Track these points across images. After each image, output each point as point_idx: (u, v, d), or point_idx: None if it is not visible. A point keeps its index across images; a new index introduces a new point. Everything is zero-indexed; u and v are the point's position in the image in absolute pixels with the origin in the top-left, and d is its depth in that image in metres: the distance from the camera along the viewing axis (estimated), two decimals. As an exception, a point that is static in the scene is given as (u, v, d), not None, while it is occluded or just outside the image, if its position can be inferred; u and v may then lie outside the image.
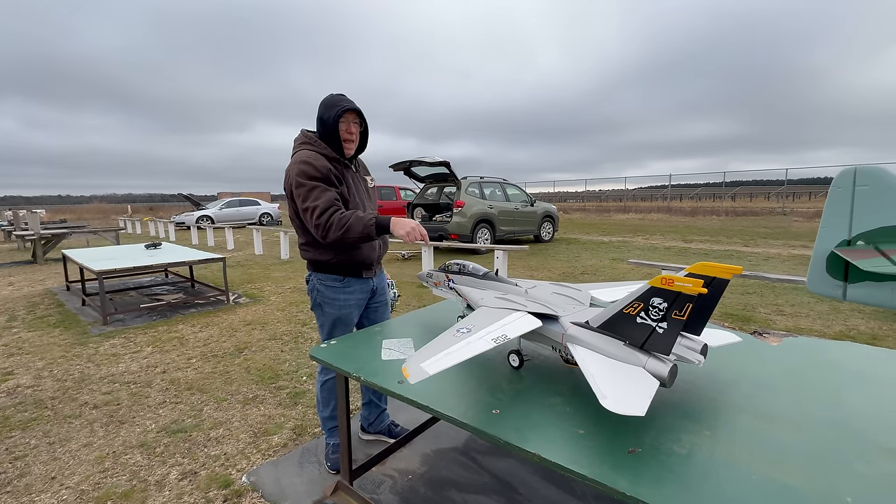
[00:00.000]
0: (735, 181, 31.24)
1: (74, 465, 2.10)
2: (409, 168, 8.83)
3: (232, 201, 18.87)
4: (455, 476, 1.98)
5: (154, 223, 15.96)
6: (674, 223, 17.17)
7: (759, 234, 12.19)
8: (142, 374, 3.13)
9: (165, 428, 2.41)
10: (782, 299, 5.09)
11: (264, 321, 4.41)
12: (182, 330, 4.17)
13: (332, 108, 1.77)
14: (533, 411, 1.06)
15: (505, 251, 5.18)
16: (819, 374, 1.24)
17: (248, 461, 2.11)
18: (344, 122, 1.79)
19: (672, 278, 0.92)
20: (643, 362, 0.99)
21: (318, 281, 1.91)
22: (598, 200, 34.15)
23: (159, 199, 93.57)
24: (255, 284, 6.29)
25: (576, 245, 10.42)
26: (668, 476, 0.82)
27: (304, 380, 3.00)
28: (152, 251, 5.80)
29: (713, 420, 1.01)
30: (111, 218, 24.74)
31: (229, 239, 10.89)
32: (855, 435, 0.94)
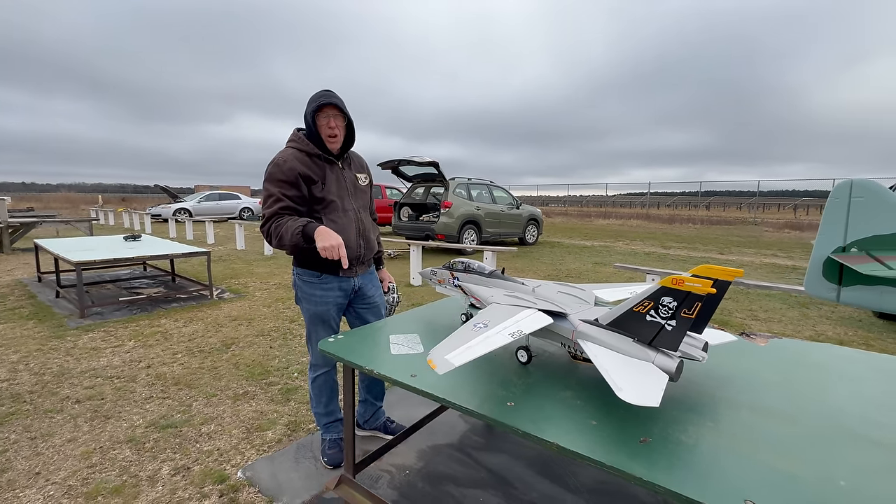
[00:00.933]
0: (710, 191, 32.36)
1: (59, 460, 2.04)
2: (397, 167, 8.82)
3: (211, 194, 18.40)
4: (452, 471, 2.01)
5: (129, 214, 15.43)
6: (652, 230, 17.65)
7: (733, 243, 12.66)
8: (125, 369, 3.05)
9: (154, 423, 2.36)
10: (756, 305, 5.32)
11: (250, 317, 4.34)
12: (165, 324, 4.07)
13: (311, 103, 1.77)
14: (545, 404, 1.10)
15: (493, 252, 5.24)
16: (806, 373, 1.33)
17: (242, 456, 2.09)
18: (323, 116, 1.77)
19: (682, 279, 0.98)
20: (652, 358, 1.04)
21: (298, 276, 1.93)
22: (580, 205, 34.78)
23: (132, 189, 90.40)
24: (238, 280, 6.17)
25: (559, 248, 10.61)
26: (679, 463, 0.87)
27: (295, 376, 2.98)
28: (132, 243, 5.62)
29: (714, 413, 1.07)
30: (81, 208, 23.78)
31: (209, 233, 10.63)
32: (845, 429, 1.02)
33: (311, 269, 1.88)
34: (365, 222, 1.98)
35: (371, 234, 2.03)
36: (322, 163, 1.84)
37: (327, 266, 1.83)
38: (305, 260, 1.87)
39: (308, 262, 1.87)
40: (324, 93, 1.79)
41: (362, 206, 1.98)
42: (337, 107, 1.77)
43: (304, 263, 1.89)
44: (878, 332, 4.29)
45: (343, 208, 1.87)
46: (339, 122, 1.82)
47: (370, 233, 2.02)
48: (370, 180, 2.10)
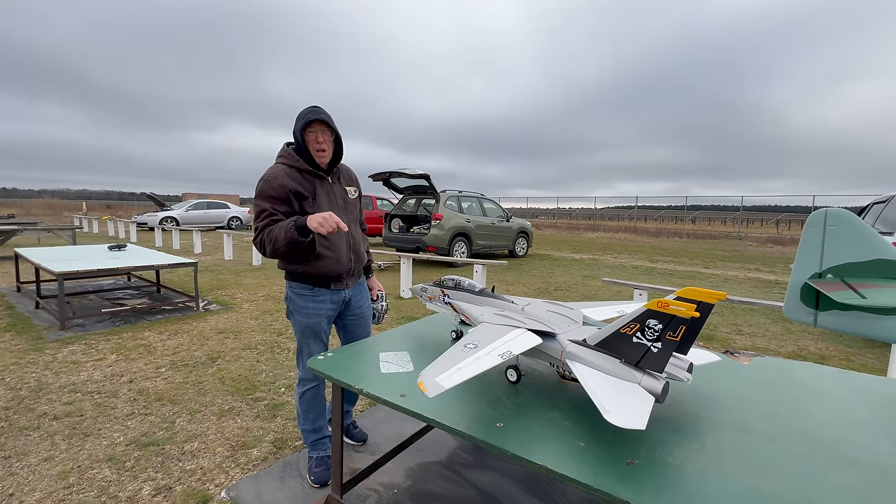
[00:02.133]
0: (695, 205, 33.04)
1: (34, 480, 1.97)
2: (388, 179, 8.85)
3: (199, 203, 18.20)
4: (440, 490, 1.99)
5: (114, 223, 15.17)
6: (640, 243, 17.91)
7: (718, 257, 12.91)
8: (106, 384, 2.97)
9: (135, 441, 2.30)
10: (741, 320, 5.41)
11: (237, 330, 4.28)
12: (149, 337, 3.99)
13: (299, 120, 1.80)
14: (535, 424, 1.11)
15: (484, 265, 5.27)
16: (788, 392, 1.36)
17: (226, 475, 2.05)
18: (312, 132, 1.81)
19: (667, 302, 1.01)
20: (638, 379, 1.06)
21: (290, 289, 1.95)
22: (569, 218, 35.19)
23: (117, 196, 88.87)
24: (225, 291, 6.09)
25: (549, 261, 10.69)
26: (666, 485, 0.88)
27: (282, 391, 2.93)
28: (116, 253, 5.53)
29: (699, 433, 1.09)
30: (64, 215, 23.29)
31: (196, 242, 10.49)
32: (824, 447, 1.05)
33: (304, 283, 1.91)
34: (356, 236, 2.01)
35: (361, 247, 2.07)
36: (312, 178, 1.87)
37: (319, 280, 1.89)
38: (298, 274, 1.89)
39: (300, 277, 1.90)
40: (311, 109, 1.84)
41: (353, 220, 2.01)
42: (324, 122, 1.81)
43: (296, 277, 1.92)
44: (857, 347, 4.39)
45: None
46: (327, 138, 1.85)
47: (360, 246, 2.06)
48: (359, 192, 2.13)
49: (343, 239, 1.92)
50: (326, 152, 1.86)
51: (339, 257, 1.90)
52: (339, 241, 1.90)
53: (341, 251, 1.91)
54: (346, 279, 1.97)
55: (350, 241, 1.96)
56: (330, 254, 1.87)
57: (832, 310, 0.97)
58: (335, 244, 1.88)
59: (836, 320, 0.98)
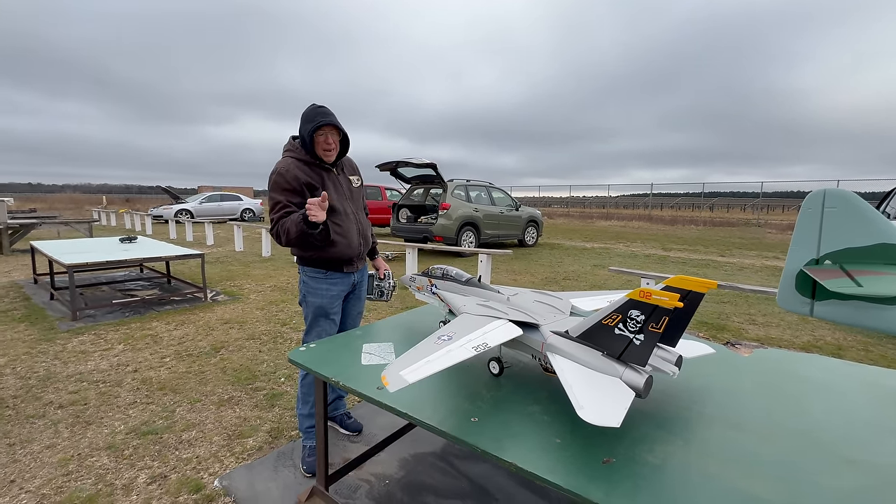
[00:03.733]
0: (713, 192, 32.21)
1: (36, 467, 2.01)
2: (395, 168, 8.80)
3: (213, 195, 18.45)
4: (432, 481, 1.97)
5: (130, 216, 15.49)
6: (654, 231, 17.55)
7: (735, 245, 12.56)
8: (112, 373, 3.03)
9: (135, 429, 2.33)
10: (755, 309, 5.25)
11: (243, 320, 4.32)
12: (156, 327, 4.06)
13: (308, 123, 1.88)
14: (511, 419, 1.06)
15: (489, 255, 5.21)
16: (787, 386, 1.28)
17: (220, 465, 2.06)
18: (321, 135, 1.88)
19: (650, 292, 0.94)
20: (620, 373, 1.00)
21: (304, 274, 2.04)
22: (582, 206, 34.67)
23: (136, 190, 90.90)
24: (234, 282, 6.16)
25: (559, 250, 10.55)
26: (643, 486, 0.83)
27: (282, 381, 2.95)
28: (127, 245, 5.62)
29: (686, 430, 1.03)
30: (85, 209, 23.91)
31: (209, 234, 10.64)
32: (820, 446, 0.98)
33: (318, 268, 2.00)
34: (363, 222, 2.13)
35: (368, 232, 2.17)
36: (319, 170, 1.96)
37: (332, 264, 2.00)
38: (312, 260, 1.99)
39: (315, 262, 1.99)
40: (319, 111, 1.90)
41: (358, 207, 2.13)
42: (334, 126, 1.89)
43: (310, 263, 2.00)
44: (877, 337, 4.21)
45: (344, 212, 2.00)
46: (335, 139, 1.94)
47: (367, 231, 2.16)
48: (362, 181, 2.22)
49: (353, 225, 2.02)
50: (333, 151, 1.94)
51: (350, 242, 1.99)
52: (350, 228, 2.00)
53: (352, 236, 2.00)
54: (356, 262, 2.07)
55: (359, 227, 2.07)
56: (342, 239, 1.96)
57: (829, 299, 0.90)
58: (347, 230, 1.97)
59: (834, 311, 0.90)
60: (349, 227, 1.99)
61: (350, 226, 1.99)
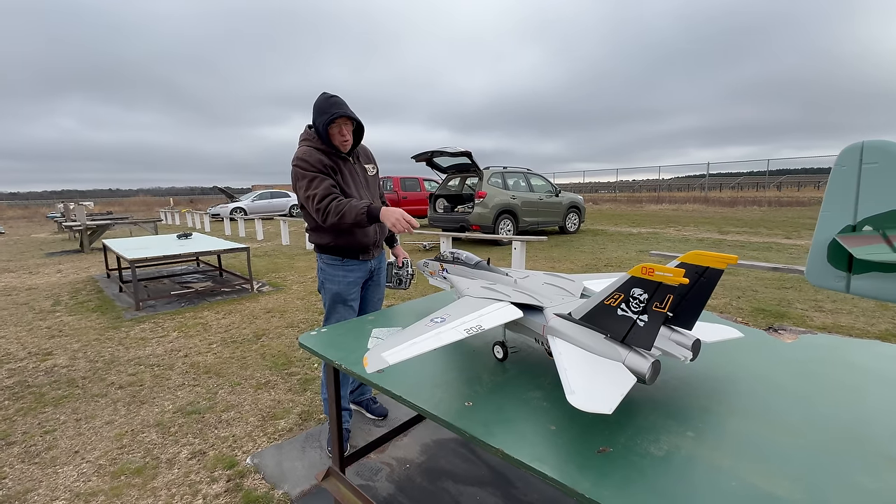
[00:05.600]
0: (781, 169, 29.39)
1: (96, 440, 2.23)
2: (430, 158, 8.79)
3: (264, 193, 19.46)
4: (453, 467, 1.97)
5: (191, 215, 16.69)
6: (710, 214, 16.36)
7: (804, 226, 11.42)
8: (165, 358, 3.29)
9: (181, 409, 2.52)
10: (822, 294, 4.75)
11: (283, 309, 4.53)
12: (207, 316, 4.35)
13: (322, 115, 1.87)
14: (508, 405, 1.02)
15: (523, 242, 5.08)
16: (831, 374, 1.13)
17: (253, 443, 2.17)
18: (335, 126, 1.89)
19: (652, 267, 0.85)
20: (623, 357, 0.92)
21: (322, 261, 2.08)
22: (631, 191, 32.99)
23: (199, 191, 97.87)
24: (279, 274, 6.47)
25: (602, 236, 10.12)
26: (637, 478, 0.76)
27: (315, 366, 3.06)
28: (183, 241, 6.05)
29: (700, 421, 0.94)
30: (154, 210, 26.08)
31: (259, 230, 11.24)
32: (863, 443, 0.85)
33: (335, 255, 2.04)
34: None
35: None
36: (336, 159, 1.98)
37: (349, 251, 2.03)
38: (330, 247, 2.03)
39: (331, 249, 2.04)
40: (332, 102, 1.90)
41: (374, 196, 2.13)
42: (349, 117, 1.89)
43: (327, 250, 2.05)
44: (975, 325, 3.67)
45: (360, 199, 1.98)
46: (349, 129, 1.95)
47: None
48: (377, 169, 2.21)
49: None
50: (349, 142, 1.96)
51: (366, 231, 2.01)
52: None
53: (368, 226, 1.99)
54: (372, 250, 2.10)
55: None
56: (358, 228, 1.96)
57: (871, 272, 0.76)
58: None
59: (876, 285, 0.76)
60: None
61: None
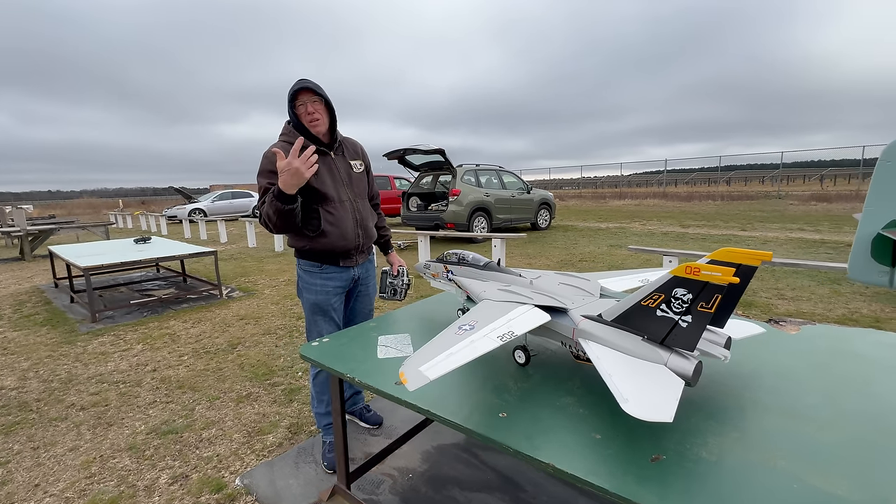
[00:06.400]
0: (730, 165, 31.21)
1: (59, 470, 2.01)
2: (403, 156, 8.67)
3: (224, 193, 18.59)
4: (457, 473, 1.91)
5: (145, 217, 15.71)
6: (670, 208, 17.12)
7: (756, 218, 12.16)
8: (131, 373, 3.03)
9: (155, 429, 2.32)
10: (783, 283, 5.05)
11: (258, 315, 4.31)
12: (174, 326, 4.07)
13: (288, 94, 1.75)
14: (543, 414, 0.97)
15: (503, 239, 5.09)
16: (844, 366, 1.16)
17: (241, 462, 2.03)
18: (300, 104, 1.74)
19: (698, 267, 0.83)
20: (664, 359, 0.90)
21: (300, 267, 1.93)
22: (594, 187, 34.02)
23: (151, 192, 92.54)
24: (248, 278, 6.17)
25: (573, 232, 10.35)
26: (698, 488, 0.73)
27: (299, 375, 2.91)
28: (142, 246, 5.65)
29: (740, 420, 0.93)
30: (102, 213, 24.37)
31: (222, 232, 10.72)
32: (894, 434, 0.86)
33: (313, 261, 1.88)
34: (362, 211, 1.94)
35: (369, 223, 1.99)
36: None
37: (327, 256, 1.86)
38: (306, 251, 1.86)
39: (309, 254, 1.87)
40: (297, 81, 1.77)
41: (359, 195, 1.95)
42: (311, 90, 1.73)
43: (305, 255, 1.89)
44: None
45: (339, 199, 1.84)
46: (317, 107, 1.79)
47: (368, 221, 1.98)
48: (367, 166, 2.06)
49: (348, 214, 1.86)
50: (320, 121, 1.79)
51: (344, 233, 1.83)
52: (344, 217, 1.84)
53: (346, 226, 1.84)
54: (355, 256, 1.92)
55: (357, 216, 1.89)
56: (334, 229, 1.81)
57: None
58: (340, 220, 1.82)
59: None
60: (343, 215, 1.83)
61: (344, 214, 1.83)
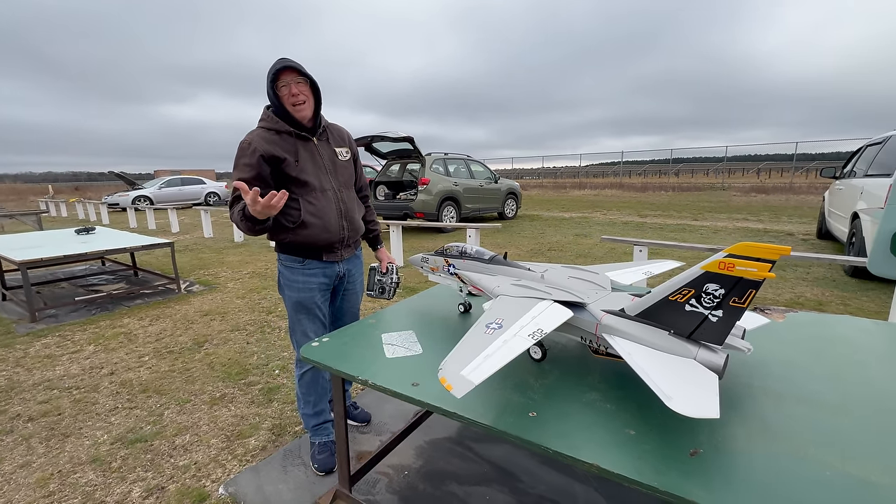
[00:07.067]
0: (678, 158, 32.98)
1: (10, 490, 1.80)
2: (370, 144, 8.43)
3: (173, 180, 17.38)
4: (453, 467, 1.89)
5: (83, 205, 14.42)
6: (627, 199, 17.86)
7: (705, 208, 12.93)
8: (85, 378, 2.77)
9: (121, 438, 2.14)
10: (736, 270, 5.40)
11: (223, 310, 4.07)
12: (129, 324, 3.76)
13: (269, 76, 1.60)
14: (571, 411, 0.96)
15: (477, 229, 5.08)
16: (840, 352, 1.24)
17: (223, 469, 1.91)
18: (283, 85, 1.60)
19: (733, 262, 0.84)
20: (693, 353, 0.91)
21: (280, 262, 1.80)
22: (554, 177, 34.87)
23: (86, 177, 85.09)
24: (208, 270, 5.82)
25: (539, 222, 10.56)
26: (739, 479, 0.75)
27: (276, 373, 2.78)
28: (84, 237, 5.16)
29: (759, 410, 0.96)
30: (29, 199, 22.12)
31: (173, 221, 10.02)
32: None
33: (294, 255, 1.75)
34: (347, 202, 1.81)
35: (355, 215, 1.86)
36: (293, 139, 1.68)
37: (309, 250, 1.73)
38: (287, 245, 1.73)
39: (289, 248, 1.74)
40: (278, 60, 1.62)
41: (344, 185, 1.81)
42: (295, 70, 1.59)
43: (286, 249, 1.76)
44: (852, 291, 4.40)
45: (321, 188, 1.71)
46: (302, 88, 1.64)
47: (354, 213, 1.85)
48: (354, 154, 1.92)
49: (332, 204, 1.73)
50: (306, 104, 1.65)
51: (326, 225, 1.70)
52: (327, 208, 1.71)
53: (329, 218, 1.71)
54: (339, 250, 1.79)
55: (341, 207, 1.76)
56: (316, 221, 1.68)
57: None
58: (322, 210, 1.70)
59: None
60: (326, 206, 1.70)
61: (327, 205, 1.70)
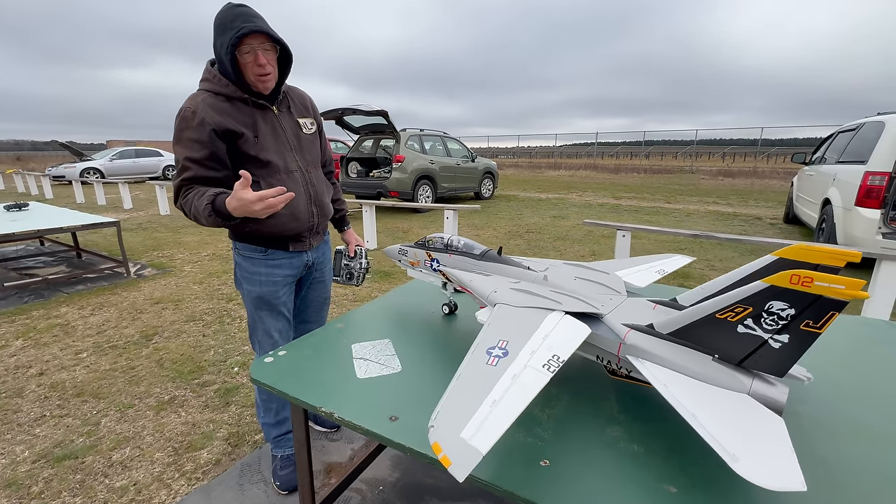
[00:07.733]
0: (648, 140, 33.48)
1: None
2: (341, 117, 7.94)
3: (126, 151, 16.11)
4: (434, 480, 1.72)
5: (22, 177, 13.18)
6: (601, 180, 17.96)
7: (676, 192, 13.13)
8: (8, 379, 2.41)
9: (45, 454, 1.83)
10: (711, 254, 5.42)
11: (178, 298, 3.70)
12: (66, 314, 3.35)
13: (225, 33, 1.26)
14: (591, 456, 0.77)
15: (455, 210, 4.84)
16: (845, 346, 1.10)
17: (167, 490, 1.66)
18: (248, 52, 1.28)
19: (810, 276, 0.65)
20: (746, 386, 0.72)
21: (237, 252, 1.53)
22: (529, 157, 34.77)
23: (29, 147, 78.59)
24: (162, 252, 5.35)
25: (515, 202, 10.40)
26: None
27: (235, 371, 2.50)
28: (15, 214, 4.60)
29: (808, 445, 0.79)
30: (-39, 170, 20.10)
31: (125, 196, 9.26)
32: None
33: (255, 244, 1.48)
34: (316, 184, 1.55)
35: (325, 198, 1.60)
36: (249, 108, 1.37)
37: (273, 240, 1.49)
38: (245, 234, 1.46)
39: (248, 237, 1.47)
40: (238, 12, 1.26)
41: (311, 163, 1.54)
42: (266, 34, 1.28)
43: (244, 238, 1.48)
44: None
45: (286, 169, 1.44)
46: (270, 57, 1.33)
47: (324, 196, 1.59)
48: (318, 126, 1.63)
49: (299, 188, 1.47)
50: (270, 76, 1.36)
51: (295, 212, 1.46)
52: (293, 192, 1.41)
53: (298, 204, 1.47)
54: (308, 238, 1.55)
55: (310, 191, 1.51)
56: (283, 209, 1.38)
57: None
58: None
59: None
60: (293, 190, 1.42)
61: (294, 189, 1.45)
